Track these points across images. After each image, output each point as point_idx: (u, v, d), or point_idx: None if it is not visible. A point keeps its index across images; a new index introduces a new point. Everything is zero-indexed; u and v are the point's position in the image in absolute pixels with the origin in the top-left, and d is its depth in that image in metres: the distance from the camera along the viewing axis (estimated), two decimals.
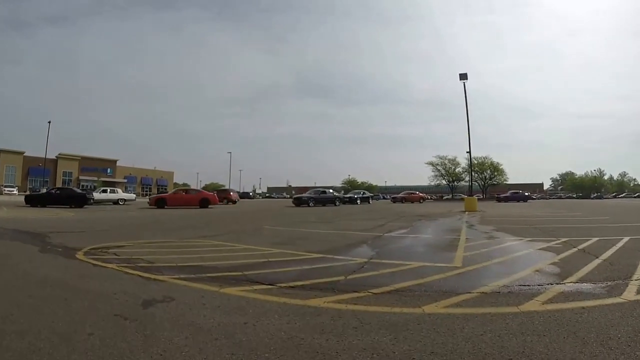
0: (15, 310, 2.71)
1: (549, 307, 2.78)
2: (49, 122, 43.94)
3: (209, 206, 22.34)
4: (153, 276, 3.83)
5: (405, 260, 4.77)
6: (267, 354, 1.99)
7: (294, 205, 27.23)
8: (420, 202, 40.50)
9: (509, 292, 3.22)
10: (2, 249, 5.78)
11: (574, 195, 79.48)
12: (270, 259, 4.85)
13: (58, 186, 55.84)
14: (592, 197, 69.96)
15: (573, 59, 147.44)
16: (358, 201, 35.55)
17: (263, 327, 2.38)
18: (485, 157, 59.21)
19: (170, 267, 4.34)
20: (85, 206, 21.74)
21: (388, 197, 52.64)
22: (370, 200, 38.48)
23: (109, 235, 7.83)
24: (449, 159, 65.74)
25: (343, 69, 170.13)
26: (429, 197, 67.92)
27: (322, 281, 3.63)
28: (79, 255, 5.09)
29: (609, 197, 71.80)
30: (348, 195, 37.52)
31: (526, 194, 47.83)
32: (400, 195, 44.08)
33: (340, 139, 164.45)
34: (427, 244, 6.91)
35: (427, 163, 67.13)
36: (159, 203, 21.47)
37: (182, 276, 3.82)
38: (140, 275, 3.89)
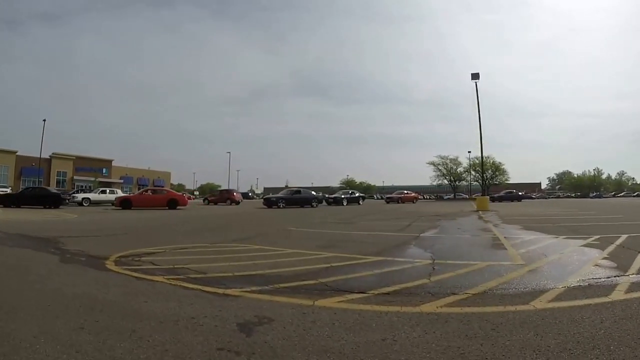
0: (73, 353, 1.93)
1: (635, 295, 3.00)
2: (44, 121, 43.02)
3: (177, 207, 20.82)
4: (221, 290, 3.26)
5: (467, 260, 4.75)
6: None
7: (265, 206, 24.53)
8: (413, 202, 37.66)
9: (589, 285, 3.38)
10: (14, 258, 5.00)
11: (573, 195, 79.93)
12: (332, 264, 4.47)
13: (54, 187, 54.75)
14: (591, 196, 70.24)
15: (573, 58, 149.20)
16: (344, 202, 31.35)
17: (407, 341, 2.11)
18: (487, 157, 59.07)
19: (230, 278, 3.80)
20: (61, 206, 21.01)
21: (384, 197, 48.71)
22: (361, 201, 34.03)
23: (127, 239, 7.21)
24: (450, 159, 65.59)
25: (343, 68, 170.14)
26: (428, 197, 68.08)
27: (410, 285, 3.43)
28: (109, 265, 4.47)
29: (608, 196, 72.14)
30: (333, 196, 33.78)
31: (520, 193, 48.10)
32: (394, 195, 41.03)
33: (340, 138, 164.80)
34: (471, 244, 6.80)
35: (428, 163, 66.85)
36: (124, 204, 20.12)
37: (253, 289, 3.32)
38: (204, 290, 3.28)
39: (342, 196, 32.76)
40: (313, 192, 30.41)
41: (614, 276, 3.67)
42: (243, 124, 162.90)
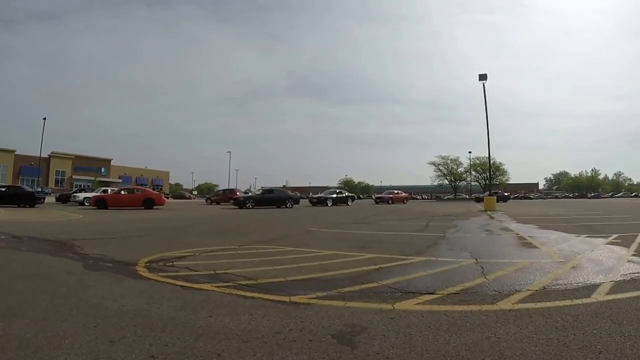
0: None
1: None
2: (44, 119, 42.71)
3: (154, 207, 20.35)
4: (286, 298, 3.06)
5: (508, 259, 4.91)
6: None
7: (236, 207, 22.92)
8: (403, 203, 35.52)
9: (632, 279, 3.64)
10: (33, 266, 4.52)
11: (571, 195, 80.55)
12: (380, 265, 4.42)
13: (53, 186, 54.37)
14: (589, 196, 70.89)
15: (570, 58, 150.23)
16: (329, 202, 28.06)
17: (509, 337, 2.16)
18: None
19: (284, 284, 3.63)
20: (37, 205, 20.75)
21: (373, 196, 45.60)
22: (350, 202, 31.19)
23: (146, 242, 6.91)
24: (451, 159, 66.07)
25: (339, 68, 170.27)
26: (426, 197, 68.30)
27: (472, 285, 3.51)
28: (142, 271, 4.17)
29: (606, 196, 72.84)
30: (317, 196, 30.71)
31: (505, 194, 47.88)
32: (384, 194, 38.18)
33: (338, 138, 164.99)
34: (500, 242, 6.93)
35: (429, 163, 67.39)
36: (99, 203, 19.81)
37: (319, 295, 3.15)
38: (267, 299, 3.05)
39: (327, 196, 29.38)
40: (289, 192, 28.66)
41: None
42: (240, 124, 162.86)
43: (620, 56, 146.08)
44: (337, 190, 33.62)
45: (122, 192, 21.98)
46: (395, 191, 40.42)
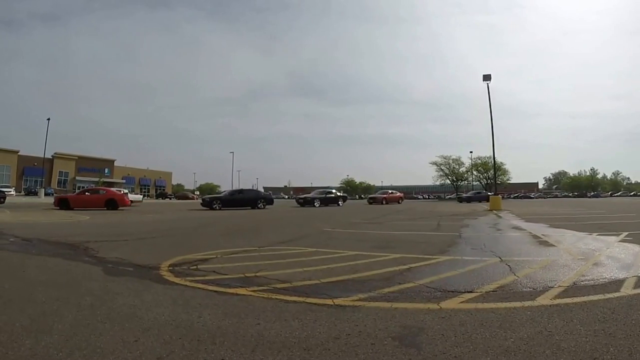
0: None
1: None
2: (48, 119, 42.71)
3: (119, 208, 20.38)
4: (329, 301, 3.01)
5: (531, 257, 5.08)
6: None
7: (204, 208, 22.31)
8: (398, 203, 34.37)
9: None
10: (49, 271, 4.30)
11: (570, 195, 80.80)
12: (409, 265, 4.49)
13: (56, 187, 54.42)
14: (589, 196, 71.16)
15: (568, 59, 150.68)
16: (316, 203, 26.43)
17: (560, 330, 2.30)
18: (489, 157, 59.78)
19: (321, 286, 3.56)
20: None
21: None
22: (341, 202, 29.18)
23: (162, 244, 6.80)
24: (453, 159, 66.33)
25: (338, 69, 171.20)
26: (427, 197, 68.45)
27: (506, 282, 3.65)
28: (167, 276, 4.00)
29: (605, 196, 73.13)
30: (303, 196, 29.32)
31: (489, 194, 47.20)
32: (377, 194, 36.93)
33: (338, 139, 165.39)
34: (517, 241, 7.07)
35: (431, 163, 67.64)
36: (62, 204, 19.69)
37: (361, 296, 3.12)
38: (310, 303, 2.98)
39: (314, 196, 27.72)
40: (261, 192, 27.30)
41: None
42: (241, 125, 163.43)
43: (617, 56, 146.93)
44: (327, 191, 31.38)
45: (87, 193, 21.89)
46: (390, 191, 39.69)
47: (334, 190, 32.88)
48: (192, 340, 2.19)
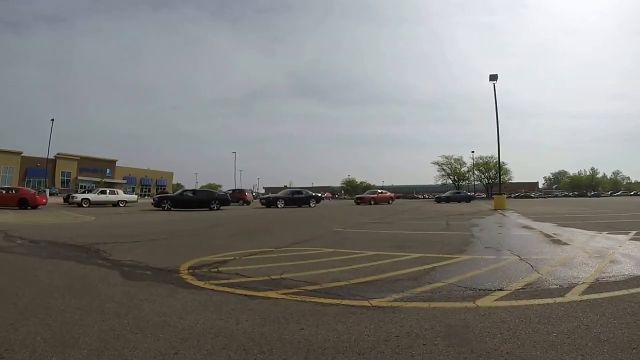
0: None
1: None
2: (52, 120, 42.81)
3: (29, 207, 20.38)
4: (366, 302, 3.00)
5: (548, 255, 5.27)
6: None
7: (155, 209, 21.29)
8: (388, 203, 32.52)
9: None
10: (63, 276, 4.10)
11: (570, 194, 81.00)
12: (432, 265, 4.54)
13: (59, 187, 54.48)
14: (589, 195, 71.36)
15: (569, 58, 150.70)
16: (279, 204, 24.15)
17: (596, 325, 2.44)
18: (491, 157, 60.09)
19: (351, 287, 3.55)
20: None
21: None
22: (312, 203, 25.97)
23: (175, 245, 6.67)
24: (454, 159, 66.59)
25: (340, 69, 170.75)
26: (427, 197, 68.47)
27: (532, 280, 3.78)
28: (189, 279, 3.88)
29: (605, 195, 73.35)
30: (266, 196, 27.96)
31: (469, 194, 45.91)
32: (365, 195, 35.05)
33: (340, 139, 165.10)
34: (531, 240, 7.21)
35: (433, 163, 67.86)
36: None
37: (395, 297, 3.15)
38: (346, 305, 2.95)
39: (279, 196, 25.33)
40: (215, 192, 26.12)
41: None
42: (242, 125, 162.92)
43: (618, 56, 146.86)
44: (294, 190, 29.20)
45: (2, 192, 21.84)
46: (379, 191, 38.37)
47: (304, 190, 30.05)
48: (237, 350, 2.05)
